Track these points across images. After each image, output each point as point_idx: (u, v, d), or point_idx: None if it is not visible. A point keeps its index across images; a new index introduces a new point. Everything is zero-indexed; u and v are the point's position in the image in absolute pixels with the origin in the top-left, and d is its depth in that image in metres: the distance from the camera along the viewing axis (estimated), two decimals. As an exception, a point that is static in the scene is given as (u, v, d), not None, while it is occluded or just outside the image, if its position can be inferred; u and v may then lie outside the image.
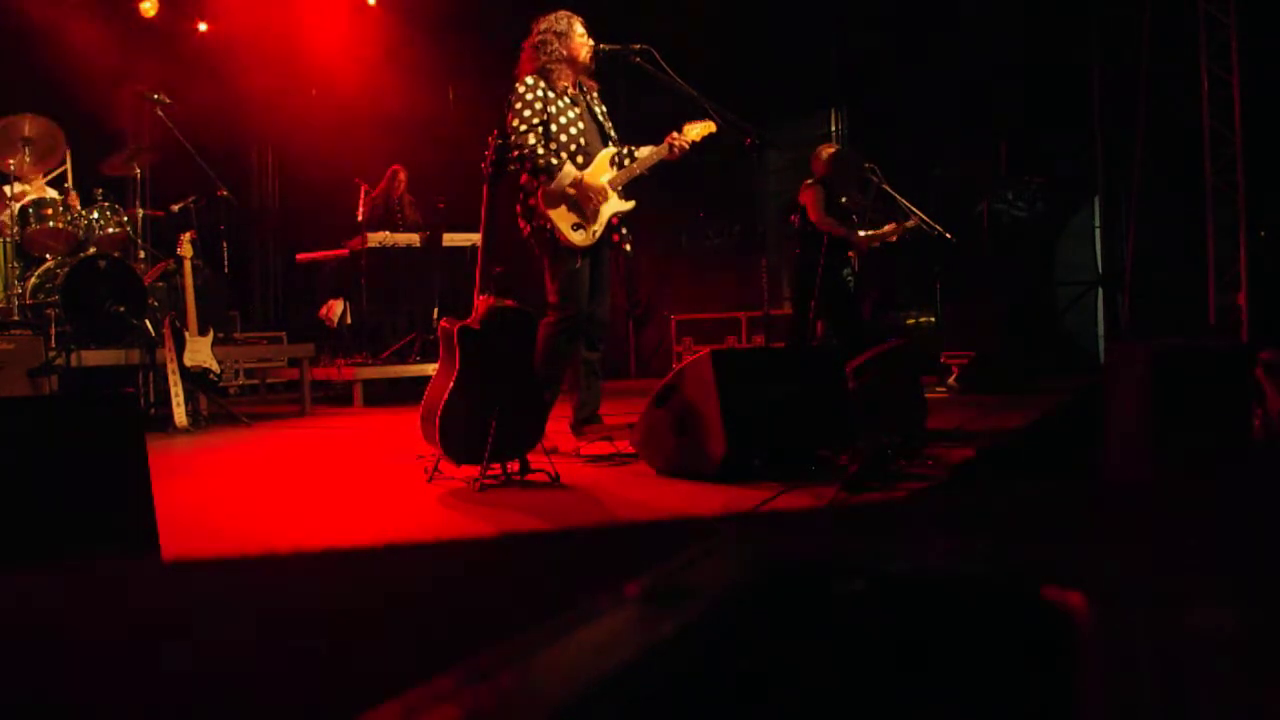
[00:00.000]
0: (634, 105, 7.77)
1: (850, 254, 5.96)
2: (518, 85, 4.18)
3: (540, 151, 4.09)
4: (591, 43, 4.26)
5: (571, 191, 4.14)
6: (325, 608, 1.38)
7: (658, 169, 4.38)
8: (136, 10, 8.78)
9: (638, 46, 4.15)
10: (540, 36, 4.23)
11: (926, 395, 4.67)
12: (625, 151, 4.35)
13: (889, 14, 8.38)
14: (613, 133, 4.38)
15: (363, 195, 7.93)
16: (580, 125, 4.24)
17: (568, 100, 4.24)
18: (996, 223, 8.40)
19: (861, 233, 6.21)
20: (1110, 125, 8.03)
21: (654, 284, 9.90)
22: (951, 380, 6.73)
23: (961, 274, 7.49)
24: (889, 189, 6.18)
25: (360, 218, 7.85)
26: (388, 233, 7.56)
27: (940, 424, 4.53)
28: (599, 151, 4.27)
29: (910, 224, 6.06)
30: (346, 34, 9.69)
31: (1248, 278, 7.01)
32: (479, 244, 3.67)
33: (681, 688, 0.67)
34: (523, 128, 4.10)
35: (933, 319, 7.88)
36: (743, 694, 0.70)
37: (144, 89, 6.33)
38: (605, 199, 4.21)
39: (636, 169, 4.29)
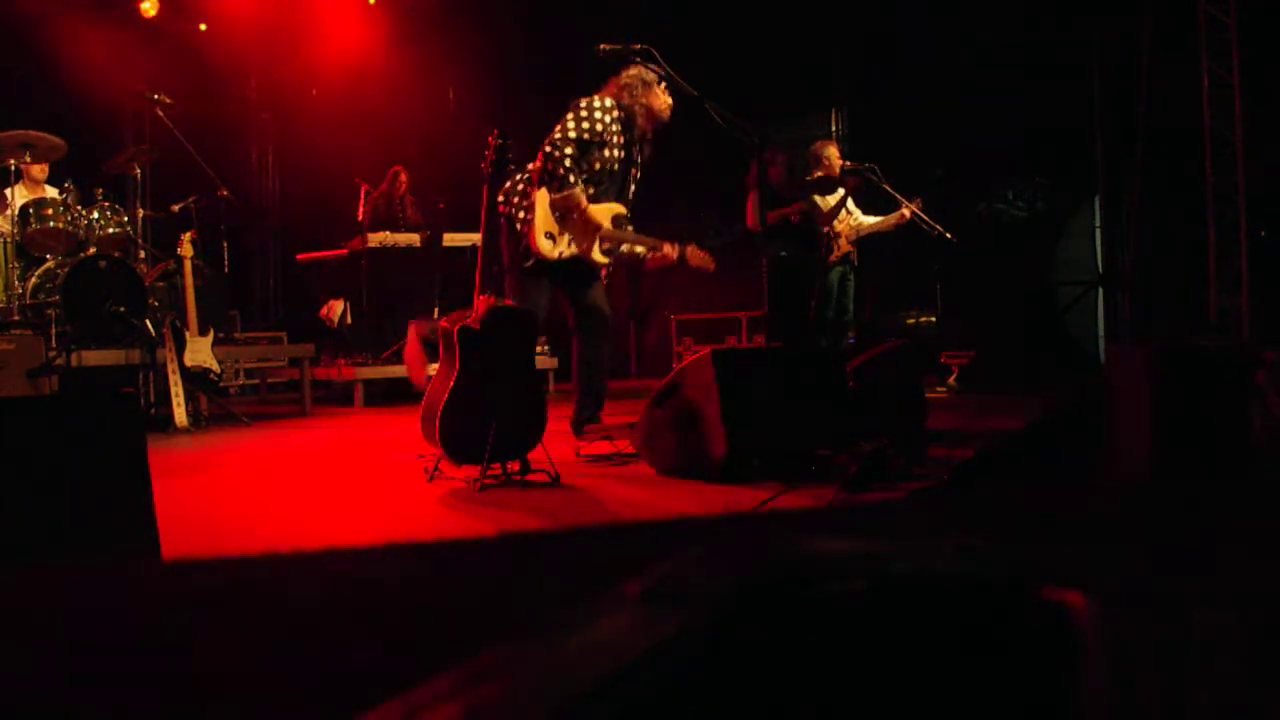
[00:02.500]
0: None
1: (834, 254, 6.10)
2: (596, 97, 4.20)
3: (568, 165, 4.09)
4: (671, 102, 4.30)
5: (572, 216, 4.15)
6: (325, 608, 1.38)
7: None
8: (136, 10, 8.79)
9: (638, 46, 4.15)
10: (628, 79, 4.26)
11: (926, 395, 4.67)
12: (627, 217, 4.38)
13: (889, 14, 8.37)
14: (632, 195, 4.42)
15: (363, 195, 7.93)
16: (614, 169, 4.27)
17: (624, 144, 4.27)
18: (996, 223, 8.40)
19: (869, 220, 6.32)
20: (1110, 125, 8.03)
21: (654, 284, 9.90)
22: (951, 380, 6.73)
23: (961, 274, 7.49)
24: (889, 189, 6.19)
25: (360, 218, 7.84)
26: (388, 233, 7.56)
27: (940, 424, 4.53)
28: (609, 199, 4.29)
29: (916, 204, 6.16)
30: (346, 34, 9.69)
31: (1248, 278, 7.01)
32: (479, 244, 3.67)
33: (681, 688, 0.67)
34: (572, 134, 4.11)
35: (933, 319, 7.87)
36: (743, 694, 0.70)
37: (144, 89, 6.33)
38: (590, 242, 4.22)
39: (626, 239, 4.32)
